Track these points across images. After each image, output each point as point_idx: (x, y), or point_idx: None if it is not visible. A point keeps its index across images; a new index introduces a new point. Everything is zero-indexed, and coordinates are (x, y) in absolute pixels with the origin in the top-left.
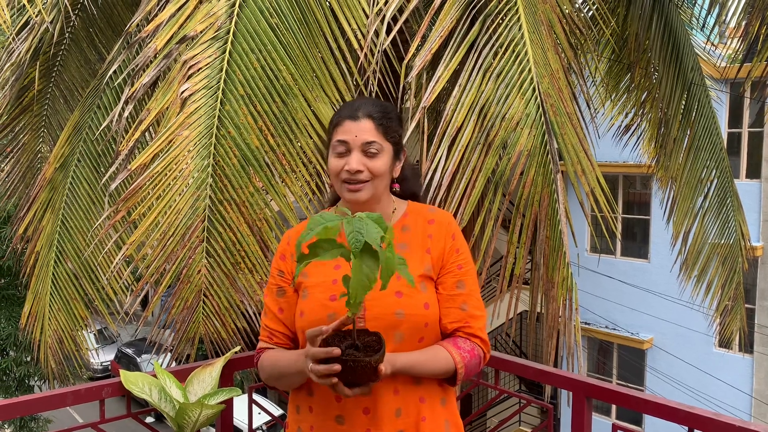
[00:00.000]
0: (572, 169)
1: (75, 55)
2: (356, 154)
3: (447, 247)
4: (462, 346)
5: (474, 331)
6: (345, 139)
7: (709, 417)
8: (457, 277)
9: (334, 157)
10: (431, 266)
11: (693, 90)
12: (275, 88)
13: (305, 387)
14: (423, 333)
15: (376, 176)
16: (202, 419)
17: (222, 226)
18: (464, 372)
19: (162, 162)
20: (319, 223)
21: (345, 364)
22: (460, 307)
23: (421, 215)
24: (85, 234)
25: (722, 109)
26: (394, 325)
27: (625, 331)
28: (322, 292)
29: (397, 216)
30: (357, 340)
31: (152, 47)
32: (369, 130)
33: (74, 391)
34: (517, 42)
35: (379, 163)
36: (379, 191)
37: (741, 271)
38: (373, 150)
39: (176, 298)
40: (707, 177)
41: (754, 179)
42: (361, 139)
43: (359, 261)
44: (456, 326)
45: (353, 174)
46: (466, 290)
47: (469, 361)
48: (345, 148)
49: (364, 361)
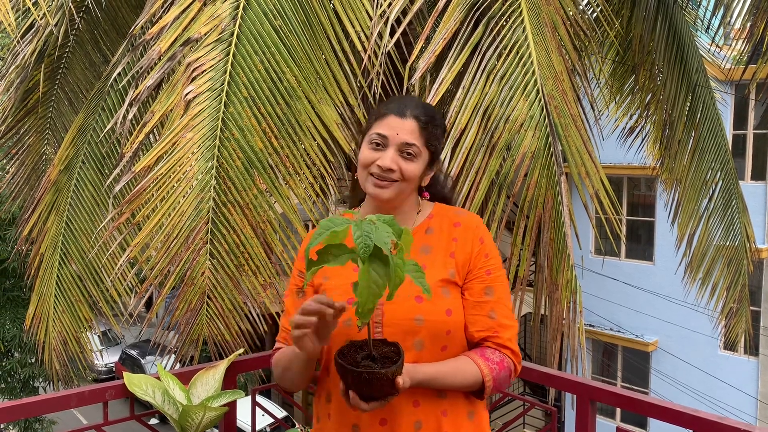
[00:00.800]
0: (576, 171)
1: (79, 58)
2: (392, 151)
3: (474, 251)
4: (490, 357)
5: (503, 341)
6: (385, 133)
7: (714, 420)
8: (486, 283)
9: (368, 148)
10: (455, 271)
11: (698, 92)
12: (279, 90)
13: (323, 394)
14: (445, 341)
15: (405, 179)
16: (205, 421)
17: (226, 228)
18: (493, 385)
19: (166, 164)
20: (327, 227)
21: (360, 376)
22: (488, 315)
23: (446, 218)
24: (89, 236)
25: (727, 111)
26: (413, 332)
27: (629, 334)
28: (341, 295)
29: (422, 218)
30: (374, 350)
31: (156, 49)
32: (412, 131)
33: (78, 393)
34: (520, 44)
35: (412, 167)
36: (403, 195)
37: (746, 273)
38: (410, 152)
39: (180, 300)
40: (712, 179)
41: (760, 181)
42: (401, 138)
43: (367, 267)
44: (484, 335)
45: (384, 171)
46: (495, 297)
47: (498, 373)
48: (382, 143)
49: (380, 374)
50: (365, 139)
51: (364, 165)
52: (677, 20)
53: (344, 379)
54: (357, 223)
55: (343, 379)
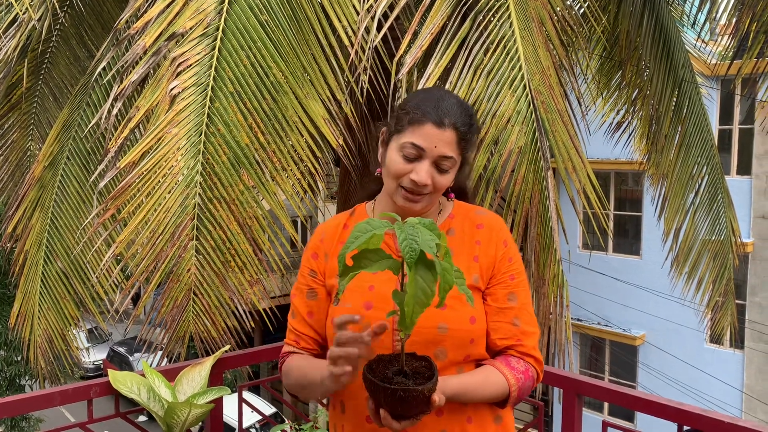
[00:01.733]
0: (563, 166)
1: (64, 53)
2: (427, 165)
3: (499, 255)
4: (516, 366)
5: (527, 350)
6: (422, 145)
7: (698, 413)
8: (509, 289)
9: (399, 157)
10: (479, 276)
11: (684, 87)
12: (265, 85)
13: (338, 404)
14: (468, 350)
15: (438, 190)
16: (191, 419)
17: (212, 225)
18: (517, 395)
19: (151, 160)
20: (365, 230)
21: (395, 394)
22: (512, 322)
23: (468, 218)
24: (74, 233)
25: (713, 106)
26: (436, 341)
27: (617, 328)
28: (357, 298)
29: (443, 218)
30: (405, 365)
31: (141, 44)
32: (451, 143)
33: (62, 391)
34: (507, 39)
35: (446, 180)
36: (434, 202)
37: (732, 267)
38: (446, 165)
39: (166, 297)
40: (698, 173)
41: (745, 176)
42: (439, 152)
43: (414, 274)
44: (508, 344)
45: (419, 186)
46: (519, 303)
47: (524, 383)
48: (417, 154)
49: (416, 391)
50: (394, 144)
51: (395, 176)
52: (664, 16)
53: (374, 397)
54: (400, 226)
55: (374, 396)
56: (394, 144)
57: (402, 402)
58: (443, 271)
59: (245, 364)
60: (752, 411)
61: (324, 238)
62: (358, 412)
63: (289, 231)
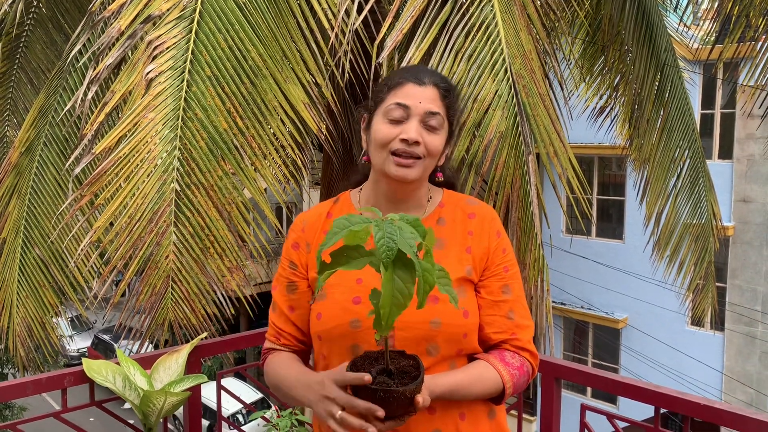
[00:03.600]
0: (545, 151)
1: (39, 36)
2: (415, 122)
3: (492, 246)
4: (510, 362)
5: (523, 344)
6: (407, 103)
7: (674, 396)
8: (504, 281)
9: (385, 123)
10: (472, 267)
11: (666, 71)
12: (243, 68)
13: None
14: (461, 345)
15: (430, 154)
16: (167, 407)
17: (190, 211)
18: (512, 391)
19: (127, 145)
20: (343, 226)
21: (374, 394)
22: (506, 316)
23: (459, 207)
24: (52, 220)
25: (695, 91)
26: (428, 337)
27: (600, 311)
28: (344, 292)
29: (432, 206)
30: (390, 363)
31: (116, 27)
32: (434, 99)
33: (35, 381)
34: (489, 22)
35: (437, 141)
36: (426, 174)
37: (712, 250)
38: (434, 123)
39: (144, 284)
40: (680, 157)
41: (727, 160)
42: (425, 107)
43: (391, 273)
44: (502, 338)
45: (410, 145)
46: (513, 296)
47: (518, 379)
48: (403, 114)
49: (397, 392)
50: (378, 114)
51: (383, 143)
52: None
53: (357, 396)
54: (378, 223)
55: (356, 395)
56: (378, 115)
57: (383, 402)
58: (423, 271)
59: (223, 351)
60: (732, 392)
61: (305, 228)
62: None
63: (270, 218)
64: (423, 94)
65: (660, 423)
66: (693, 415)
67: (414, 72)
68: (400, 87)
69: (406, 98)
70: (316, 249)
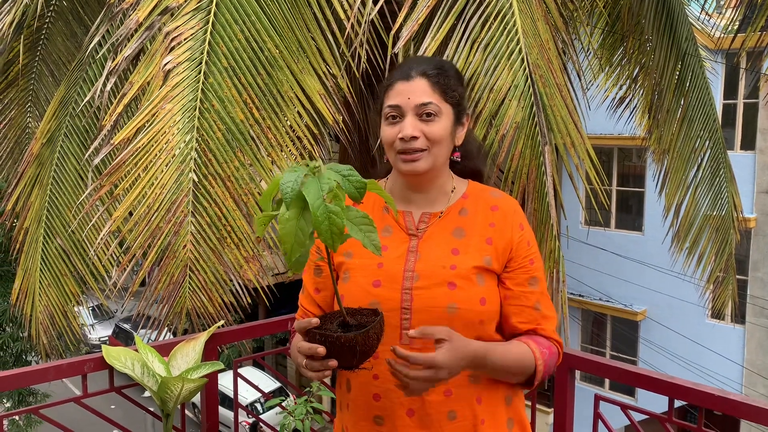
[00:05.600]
0: (561, 141)
1: (60, 28)
2: (410, 118)
3: (516, 238)
4: (541, 342)
5: (548, 333)
6: (397, 102)
7: (689, 387)
8: (530, 273)
9: (386, 126)
10: (492, 258)
11: (687, 60)
12: (260, 60)
13: (344, 382)
14: (478, 332)
15: (434, 143)
16: (184, 393)
17: (207, 201)
18: (543, 370)
19: (146, 136)
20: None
21: (320, 340)
22: (533, 307)
23: (482, 199)
24: (72, 210)
25: (717, 81)
26: (444, 321)
27: (618, 303)
28: (366, 276)
29: (456, 197)
30: (357, 319)
31: (134, 19)
32: (423, 89)
33: (56, 366)
34: (505, 12)
35: (436, 128)
36: (439, 162)
37: (732, 242)
38: (429, 112)
39: (162, 273)
40: (700, 148)
41: (749, 151)
42: (414, 101)
43: (295, 213)
44: (529, 327)
45: (408, 141)
46: (539, 288)
47: (548, 358)
48: (398, 113)
49: (332, 337)
50: (381, 120)
51: (389, 144)
52: None
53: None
54: (296, 168)
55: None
56: (382, 118)
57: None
58: (330, 213)
59: (240, 339)
60: (753, 385)
61: None
62: (365, 389)
63: None
64: (411, 89)
65: (676, 415)
66: (708, 407)
67: (402, 68)
68: (391, 88)
69: (396, 97)
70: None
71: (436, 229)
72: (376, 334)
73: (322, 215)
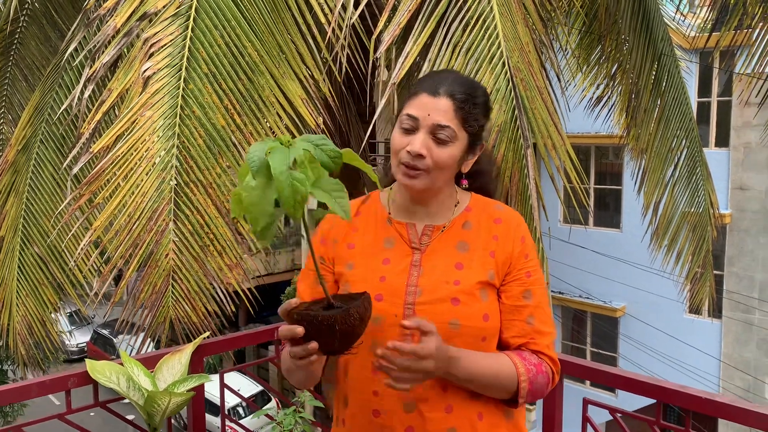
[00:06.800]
0: (542, 143)
1: (34, 32)
2: (423, 135)
3: (516, 251)
4: (528, 358)
5: (541, 348)
6: (415, 114)
7: (676, 390)
8: (525, 286)
9: (398, 132)
10: (494, 272)
11: (663, 60)
12: (240, 65)
13: (341, 396)
14: (480, 348)
15: (438, 167)
16: (172, 407)
17: (189, 209)
18: (529, 388)
19: (125, 143)
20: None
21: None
22: (525, 321)
23: (485, 212)
24: (50, 218)
25: (692, 79)
26: (447, 338)
27: (598, 300)
28: (367, 289)
29: (459, 210)
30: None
31: (112, 24)
32: (445, 111)
33: (39, 383)
34: (486, 15)
35: (446, 154)
36: (437, 185)
37: (710, 238)
38: (443, 136)
39: (144, 282)
40: (677, 147)
41: (723, 148)
42: (433, 120)
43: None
44: (520, 342)
45: (414, 158)
46: (534, 302)
47: (536, 376)
48: (413, 125)
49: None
50: (396, 123)
51: (395, 150)
52: None
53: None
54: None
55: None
56: (397, 122)
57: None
58: (294, 180)
59: (226, 350)
60: (730, 378)
61: (334, 225)
62: (363, 406)
63: None
64: (434, 106)
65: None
66: (695, 409)
67: (432, 81)
68: (415, 96)
69: (417, 109)
70: (342, 244)
71: (440, 243)
72: (358, 313)
73: (285, 181)
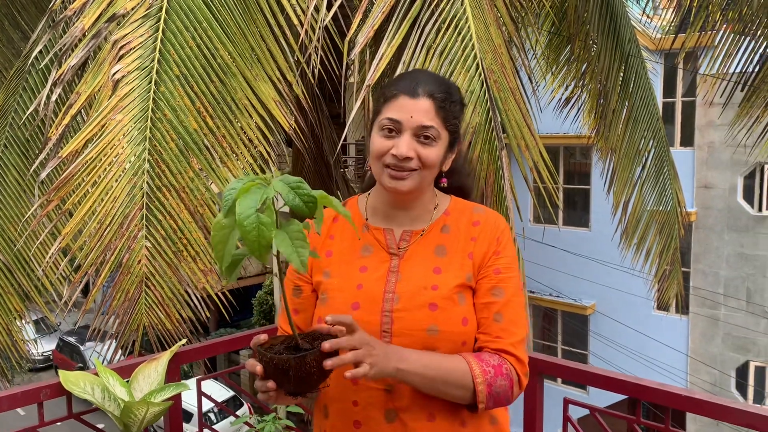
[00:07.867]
0: (516, 143)
1: None
2: (407, 137)
3: (490, 250)
4: (486, 359)
5: (504, 346)
6: (398, 118)
7: (656, 388)
8: (493, 283)
9: (379, 136)
10: (472, 274)
11: (630, 62)
12: (212, 67)
13: (321, 407)
14: (461, 352)
15: (425, 167)
16: (149, 417)
17: (162, 214)
18: (487, 392)
19: (95, 148)
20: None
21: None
22: (492, 318)
23: (464, 215)
24: (16, 224)
25: (657, 80)
26: (426, 344)
27: (568, 298)
28: (344, 297)
29: (438, 214)
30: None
31: (79, 26)
32: (427, 112)
33: (9, 396)
34: (459, 18)
35: (432, 153)
36: (424, 184)
37: (678, 236)
38: (428, 136)
39: (117, 290)
40: (645, 147)
41: (688, 147)
42: (416, 122)
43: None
44: (484, 339)
45: (401, 160)
46: (503, 299)
47: (494, 378)
48: (395, 128)
49: (266, 356)
50: (375, 126)
51: (378, 155)
52: None
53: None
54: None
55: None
56: (375, 126)
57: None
58: (260, 223)
59: (203, 357)
60: (696, 373)
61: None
62: (344, 416)
63: None
64: (415, 107)
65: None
66: (674, 407)
67: (409, 82)
68: (394, 99)
69: (398, 113)
70: (321, 253)
71: (418, 248)
72: (315, 361)
73: (249, 225)
